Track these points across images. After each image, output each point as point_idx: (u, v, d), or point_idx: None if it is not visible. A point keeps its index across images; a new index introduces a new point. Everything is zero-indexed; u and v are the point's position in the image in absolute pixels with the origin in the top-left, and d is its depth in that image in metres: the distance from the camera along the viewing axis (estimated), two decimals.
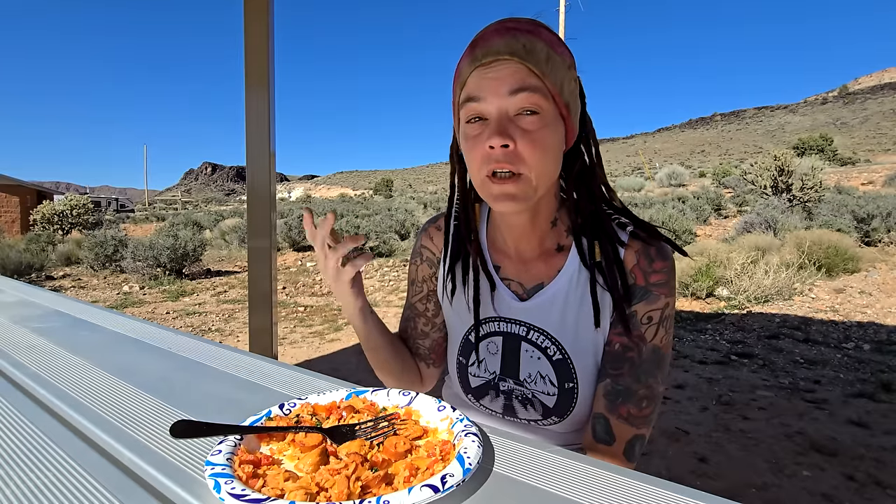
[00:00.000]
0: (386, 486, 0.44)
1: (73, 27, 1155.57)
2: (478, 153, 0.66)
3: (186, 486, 0.45)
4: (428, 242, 0.89)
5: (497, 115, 0.65)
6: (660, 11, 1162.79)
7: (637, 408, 0.70)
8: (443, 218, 0.88)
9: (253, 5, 1.70)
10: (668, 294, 0.71)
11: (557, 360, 0.75)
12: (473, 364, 0.82)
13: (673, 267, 0.72)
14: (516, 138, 0.64)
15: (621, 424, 0.71)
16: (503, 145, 0.63)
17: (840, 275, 6.41)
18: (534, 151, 0.64)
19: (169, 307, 6.00)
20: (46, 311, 1.17)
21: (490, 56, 0.64)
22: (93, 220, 17.19)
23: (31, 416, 0.60)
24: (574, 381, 0.74)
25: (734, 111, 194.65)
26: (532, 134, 0.64)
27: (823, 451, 2.43)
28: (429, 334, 0.91)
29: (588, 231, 0.73)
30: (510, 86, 0.63)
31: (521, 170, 0.65)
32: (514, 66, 0.64)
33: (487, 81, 0.64)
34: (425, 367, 0.93)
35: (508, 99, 0.64)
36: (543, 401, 0.76)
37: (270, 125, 1.74)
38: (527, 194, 0.67)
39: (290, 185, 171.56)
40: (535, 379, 0.77)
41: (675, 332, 4.50)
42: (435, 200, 22.67)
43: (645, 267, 0.71)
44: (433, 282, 0.89)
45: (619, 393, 0.71)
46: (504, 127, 0.64)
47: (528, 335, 0.77)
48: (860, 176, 20.58)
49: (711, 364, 3.76)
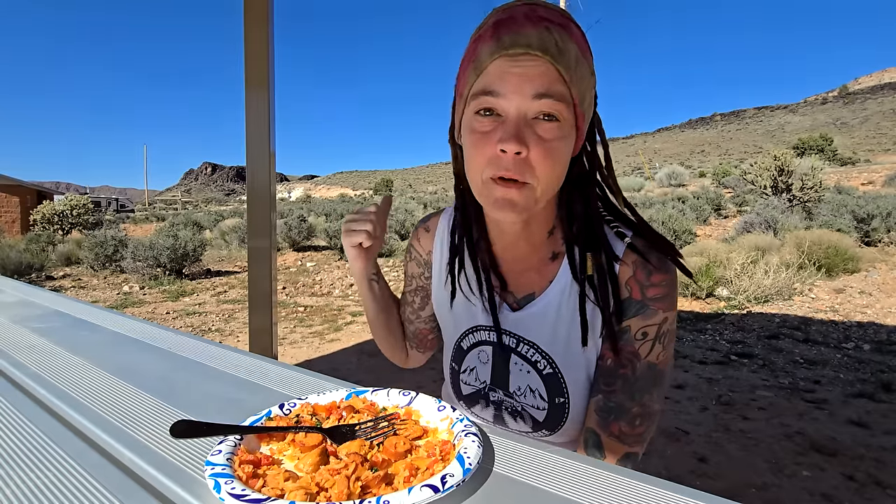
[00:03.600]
0: (386, 486, 0.44)
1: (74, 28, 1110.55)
2: (484, 153, 0.60)
3: (186, 486, 0.45)
4: (416, 243, 0.89)
5: (516, 116, 0.59)
6: (660, 11, 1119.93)
7: (630, 426, 0.67)
8: (434, 219, 0.87)
9: (253, 6, 1.70)
10: (667, 309, 0.66)
11: (548, 374, 0.72)
12: (465, 371, 0.80)
13: (674, 280, 0.67)
14: (530, 146, 0.58)
15: (613, 442, 0.67)
16: (517, 152, 0.58)
17: (840, 275, 6.41)
18: (545, 161, 0.59)
19: (169, 307, 6.00)
20: (46, 311, 1.17)
21: (519, 48, 0.57)
22: (93, 220, 17.18)
23: (31, 416, 0.60)
24: (565, 397, 0.71)
25: (734, 111, 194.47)
26: (547, 143, 0.59)
27: (823, 451, 2.43)
28: (413, 322, 0.93)
29: (581, 241, 0.68)
30: (536, 88, 0.58)
31: (529, 179, 0.60)
32: (543, 66, 0.58)
33: (512, 77, 0.58)
34: (409, 348, 0.97)
35: (531, 101, 0.58)
36: (533, 414, 0.74)
37: (270, 125, 1.74)
38: (528, 204, 0.62)
39: (290, 185, 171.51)
40: (524, 392, 0.74)
41: (675, 333, 4.49)
42: (435, 200, 22.66)
43: (642, 280, 0.66)
44: (421, 279, 0.89)
45: (612, 410, 0.67)
46: (521, 131, 0.58)
47: (517, 347, 0.74)
48: (860, 176, 20.57)
49: (711, 364, 3.76)
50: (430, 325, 0.93)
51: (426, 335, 0.94)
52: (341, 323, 5.19)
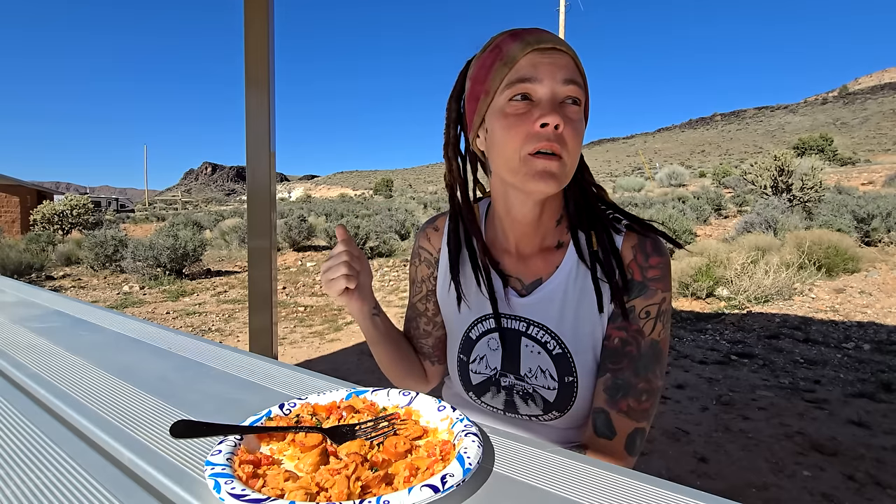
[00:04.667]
0: (386, 486, 0.44)
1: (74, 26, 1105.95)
2: (522, 129, 0.67)
3: (186, 486, 0.45)
4: (426, 243, 0.90)
5: (551, 96, 0.67)
6: (660, 11, 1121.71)
7: (637, 401, 0.71)
8: (441, 218, 0.90)
9: (253, 5, 1.70)
10: (665, 289, 0.73)
11: (557, 354, 0.76)
12: (474, 361, 0.83)
13: (668, 262, 0.74)
14: (564, 122, 0.66)
15: (622, 418, 0.72)
16: (555, 126, 0.66)
17: (840, 275, 6.41)
18: (574, 138, 0.68)
19: (169, 307, 6.00)
20: (46, 311, 1.17)
21: (547, 43, 0.68)
22: (93, 220, 17.18)
23: (31, 416, 0.60)
24: (574, 375, 0.75)
25: (734, 111, 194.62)
26: (574, 123, 0.68)
27: (823, 451, 2.43)
28: (431, 333, 0.93)
29: (584, 223, 0.76)
30: (565, 74, 0.67)
31: (563, 154, 0.67)
32: (567, 59, 0.69)
33: (545, 66, 0.67)
34: (430, 365, 0.95)
35: (562, 86, 0.67)
36: (544, 395, 0.77)
37: (270, 125, 1.74)
38: (563, 177, 0.69)
39: (290, 185, 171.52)
40: (535, 373, 0.78)
41: (675, 333, 4.53)
42: (435, 200, 22.67)
43: (641, 262, 0.73)
44: (431, 281, 0.90)
45: (620, 387, 0.72)
46: (558, 107, 0.67)
47: (527, 330, 0.78)
48: (860, 176, 20.57)
49: (711, 364, 3.76)
50: (445, 329, 0.92)
51: (444, 342, 0.93)
52: (341, 323, 5.19)
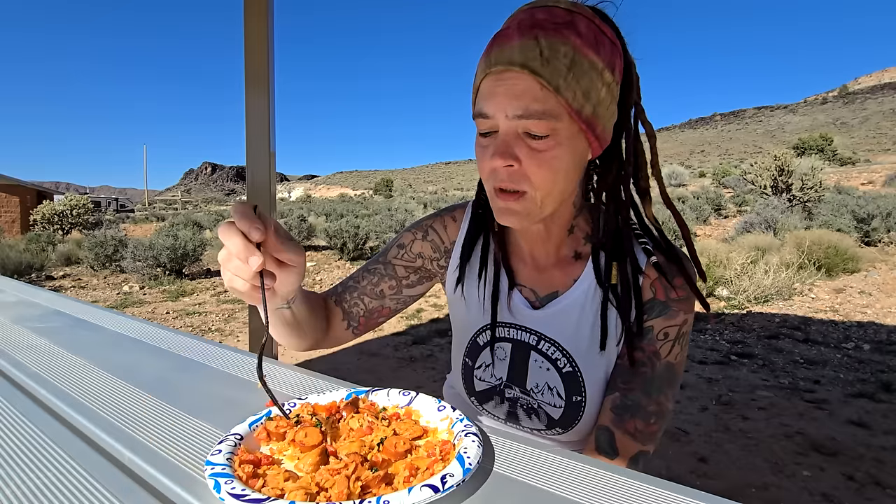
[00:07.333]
0: (386, 486, 0.44)
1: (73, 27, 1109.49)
2: (485, 167, 0.64)
3: (186, 486, 0.45)
4: (440, 228, 0.83)
5: (504, 132, 0.61)
6: (659, 11, 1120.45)
7: (645, 423, 0.68)
8: (460, 210, 0.84)
9: (253, 5, 1.70)
10: (687, 311, 0.69)
11: (567, 372, 0.72)
12: (480, 367, 0.80)
13: (694, 284, 0.70)
14: (522, 158, 0.60)
15: (627, 440, 0.68)
16: (507, 165, 0.61)
17: (840, 275, 6.41)
18: (539, 171, 0.61)
19: (169, 307, 5.99)
20: (46, 311, 1.17)
21: (501, 65, 0.58)
22: (93, 220, 17.19)
23: (31, 416, 0.60)
24: (582, 395, 0.72)
25: (734, 111, 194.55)
26: (541, 154, 0.60)
27: (823, 451, 2.43)
28: (385, 297, 0.82)
29: (608, 248, 0.70)
30: (516, 109, 0.58)
31: (525, 188, 0.62)
32: (525, 82, 0.58)
33: (496, 97, 0.60)
34: (342, 328, 0.82)
35: (512, 122, 0.59)
36: (549, 412, 0.75)
37: (270, 125, 1.74)
38: (530, 213, 0.64)
39: (290, 185, 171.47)
40: (542, 390, 0.74)
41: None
42: (435, 200, 22.66)
43: (665, 281, 0.69)
44: (430, 263, 0.84)
45: (629, 408, 0.69)
46: (509, 147, 0.60)
47: (538, 345, 0.74)
48: (860, 176, 20.57)
49: (711, 364, 3.76)
50: (401, 305, 0.85)
51: (380, 315, 0.84)
52: None
